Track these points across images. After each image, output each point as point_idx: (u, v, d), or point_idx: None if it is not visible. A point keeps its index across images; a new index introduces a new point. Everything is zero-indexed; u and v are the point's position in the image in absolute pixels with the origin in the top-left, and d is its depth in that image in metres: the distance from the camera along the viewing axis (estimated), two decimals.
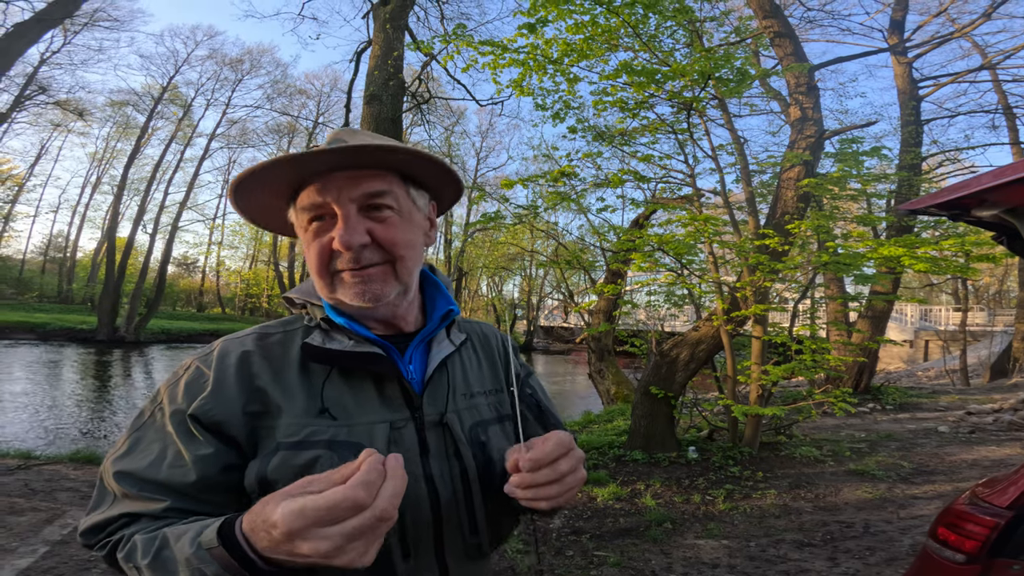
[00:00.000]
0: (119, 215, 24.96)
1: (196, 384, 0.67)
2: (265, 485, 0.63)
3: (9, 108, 17.24)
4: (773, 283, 5.07)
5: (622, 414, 7.37)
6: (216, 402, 0.65)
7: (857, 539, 3.40)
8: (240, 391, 0.67)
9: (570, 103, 5.72)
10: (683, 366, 5.32)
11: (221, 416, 0.65)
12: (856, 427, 6.75)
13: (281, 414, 0.66)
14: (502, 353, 0.90)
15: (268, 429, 0.66)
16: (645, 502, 4.03)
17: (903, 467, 4.91)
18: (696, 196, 5.79)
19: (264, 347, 0.71)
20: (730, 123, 5.84)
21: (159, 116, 26.44)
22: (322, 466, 0.64)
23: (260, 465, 0.64)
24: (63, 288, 30.62)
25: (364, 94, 5.94)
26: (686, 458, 5.02)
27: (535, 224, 8.12)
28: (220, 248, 38.34)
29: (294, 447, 0.65)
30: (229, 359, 0.69)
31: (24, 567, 2.57)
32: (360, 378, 0.71)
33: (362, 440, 0.67)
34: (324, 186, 0.68)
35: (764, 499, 4.12)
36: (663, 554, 3.20)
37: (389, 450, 0.68)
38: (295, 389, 0.68)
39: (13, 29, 7.12)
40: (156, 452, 0.65)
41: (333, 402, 0.69)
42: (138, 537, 0.60)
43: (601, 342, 8.79)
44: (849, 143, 5.49)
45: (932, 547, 1.57)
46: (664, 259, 5.98)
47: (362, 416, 0.69)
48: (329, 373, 0.70)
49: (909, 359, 16.34)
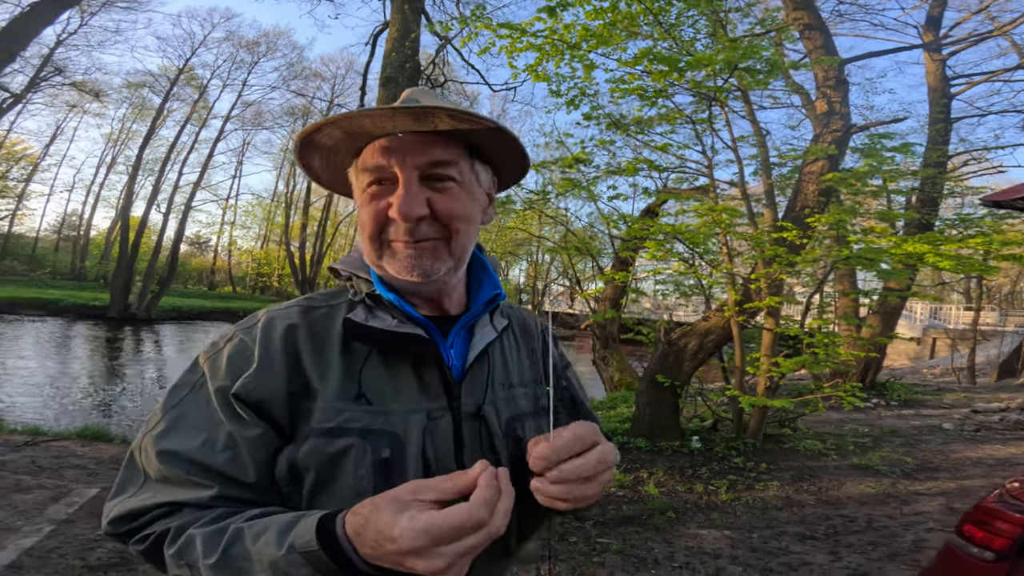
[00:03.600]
0: (133, 195, 25.13)
1: (240, 358, 0.63)
2: (296, 473, 0.61)
3: (25, 89, 17.16)
4: (789, 276, 5.01)
5: (625, 401, 7.37)
6: (260, 380, 0.61)
7: (860, 534, 3.40)
8: (285, 368, 0.62)
9: (585, 90, 5.62)
10: (691, 356, 5.30)
11: (265, 395, 0.60)
12: (859, 422, 6.73)
13: (317, 396, 0.62)
14: (541, 343, 0.83)
15: (305, 413, 0.62)
16: (648, 490, 4.05)
17: (907, 463, 4.90)
18: (712, 187, 5.71)
19: (309, 321, 0.66)
20: (752, 114, 5.71)
21: (175, 98, 26.42)
22: (354, 456, 0.60)
23: (292, 451, 0.61)
24: (76, 265, 30.90)
25: (380, 76, 5.90)
26: (689, 447, 5.03)
27: (544, 210, 8.05)
28: (232, 228, 38.60)
29: (326, 434, 0.61)
30: (274, 333, 0.64)
31: (28, 546, 2.54)
32: (400, 361, 0.66)
33: (396, 430, 0.63)
34: (389, 147, 0.64)
35: (767, 491, 4.12)
36: (665, 543, 3.21)
37: (424, 442, 0.64)
38: (333, 369, 0.64)
39: (30, 8, 7.02)
40: (205, 432, 0.60)
41: (371, 386, 0.64)
42: (196, 531, 0.54)
43: (606, 329, 8.78)
44: (878, 139, 5.38)
45: (957, 544, 1.55)
46: (677, 248, 5.93)
47: (399, 403, 0.65)
48: (369, 353, 0.65)
49: (915, 356, 16.26)
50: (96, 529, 2.75)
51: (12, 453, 3.93)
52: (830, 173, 4.94)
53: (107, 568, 2.40)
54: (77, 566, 2.37)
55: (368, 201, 0.66)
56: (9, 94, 15.50)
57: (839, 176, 4.89)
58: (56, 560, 2.43)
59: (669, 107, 5.71)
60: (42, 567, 2.36)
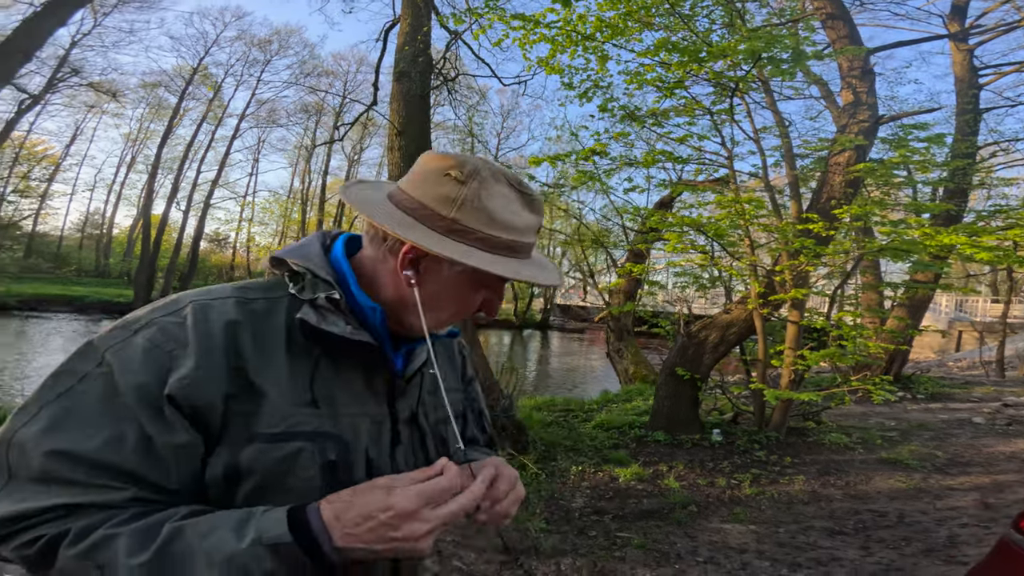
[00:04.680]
0: (153, 193, 25.56)
1: (160, 351, 0.56)
2: (234, 478, 0.57)
3: (42, 90, 17.42)
4: (815, 268, 4.87)
5: (641, 394, 7.29)
6: (200, 381, 0.56)
7: (891, 529, 3.28)
8: (227, 370, 0.57)
9: (599, 82, 5.56)
10: (711, 348, 5.18)
11: (205, 399, 0.56)
12: (885, 415, 6.54)
13: (263, 400, 0.58)
14: (460, 358, 0.90)
15: (243, 415, 0.58)
16: (668, 484, 3.95)
17: (937, 457, 4.74)
18: (733, 178, 5.58)
19: (249, 316, 0.62)
20: (774, 105, 5.55)
21: (190, 97, 26.75)
22: (304, 459, 0.59)
23: (229, 455, 0.57)
24: (100, 263, 31.52)
25: (393, 71, 5.88)
26: (710, 441, 4.92)
27: (556, 203, 7.97)
28: (251, 225, 39.02)
29: (274, 439, 0.58)
30: (212, 327, 0.59)
31: None
32: (350, 367, 0.66)
33: (344, 434, 0.63)
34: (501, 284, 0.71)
35: (792, 485, 4.01)
36: (688, 537, 3.12)
37: (370, 445, 0.66)
38: (281, 372, 0.61)
39: (42, 8, 7.08)
40: (107, 430, 0.53)
41: (322, 391, 0.63)
42: (113, 531, 0.50)
43: (620, 322, 8.69)
44: (909, 129, 5.20)
45: (1015, 539, 1.44)
46: (696, 239, 5.81)
47: (347, 407, 0.65)
48: (319, 358, 0.63)
49: (940, 349, 15.85)
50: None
51: None
52: (859, 164, 4.78)
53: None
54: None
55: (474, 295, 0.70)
56: (27, 95, 15.79)
57: (869, 167, 4.73)
58: None
59: (687, 98, 5.60)
60: None
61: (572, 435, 5.16)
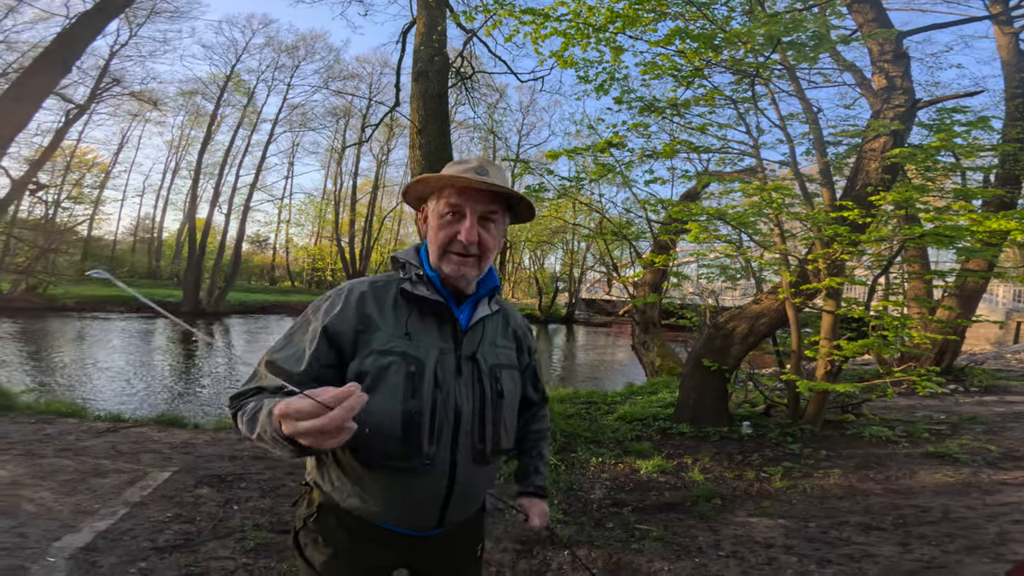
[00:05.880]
0: (197, 198, 26.52)
1: (331, 307, 1.01)
2: (360, 376, 0.95)
3: (87, 100, 18.34)
4: (852, 256, 4.61)
5: (667, 386, 7.10)
6: (339, 319, 0.99)
7: (934, 524, 3.04)
8: (354, 315, 0.99)
9: (614, 74, 5.47)
10: (740, 339, 4.97)
11: (339, 328, 0.98)
12: (934, 409, 6.14)
13: (378, 331, 0.99)
14: (518, 329, 1.22)
15: (367, 340, 0.98)
16: (692, 476, 3.80)
17: (990, 451, 4.38)
18: (760, 167, 5.33)
19: (374, 289, 1.05)
20: (800, 92, 5.27)
21: (226, 104, 27.63)
22: (395, 367, 0.96)
23: (359, 363, 0.96)
24: (152, 265, 33.14)
25: (412, 72, 5.92)
26: (739, 433, 4.72)
27: (578, 198, 7.85)
28: (288, 226, 40.31)
29: (381, 353, 0.97)
30: (352, 295, 1.02)
31: (103, 529, 2.60)
32: (430, 316, 1.03)
33: (421, 356, 0.99)
34: (463, 195, 1.02)
35: (827, 479, 3.79)
36: (711, 531, 2.99)
37: (436, 367, 1.00)
38: (389, 317, 1.01)
39: (77, 20, 7.40)
40: (294, 348, 0.98)
41: (412, 329, 1.01)
42: (249, 402, 0.88)
43: (646, 314, 8.51)
44: (949, 113, 4.87)
45: None
46: (722, 230, 5.60)
47: (425, 341, 1.01)
48: (412, 310, 1.02)
49: (998, 341, 14.84)
50: (167, 511, 2.86)
51: (94, 439, 4.09)
52: (895, 149, 4.50)
53: (172, 549, 2.46)
54: (146, 548, 2.44)
55: (443, 224, 1.04)
56: (74, 104, 16.65)
57: (907, 151, 4.44)
58: (127, 542, 2.49)
59: (706, 87, 5.40)
60: (113, 549, 2.42)
61: (593, 427, 5.05)
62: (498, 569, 2.47)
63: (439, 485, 1.00)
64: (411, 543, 1.06)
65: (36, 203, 20.21)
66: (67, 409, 4.92)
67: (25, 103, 6.70)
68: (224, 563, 2.38)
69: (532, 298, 32.66)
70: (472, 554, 1.21)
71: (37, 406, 5.13)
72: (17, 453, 3.61)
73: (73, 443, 3.95)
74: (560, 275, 33.57)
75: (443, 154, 5.43)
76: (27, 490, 3.01)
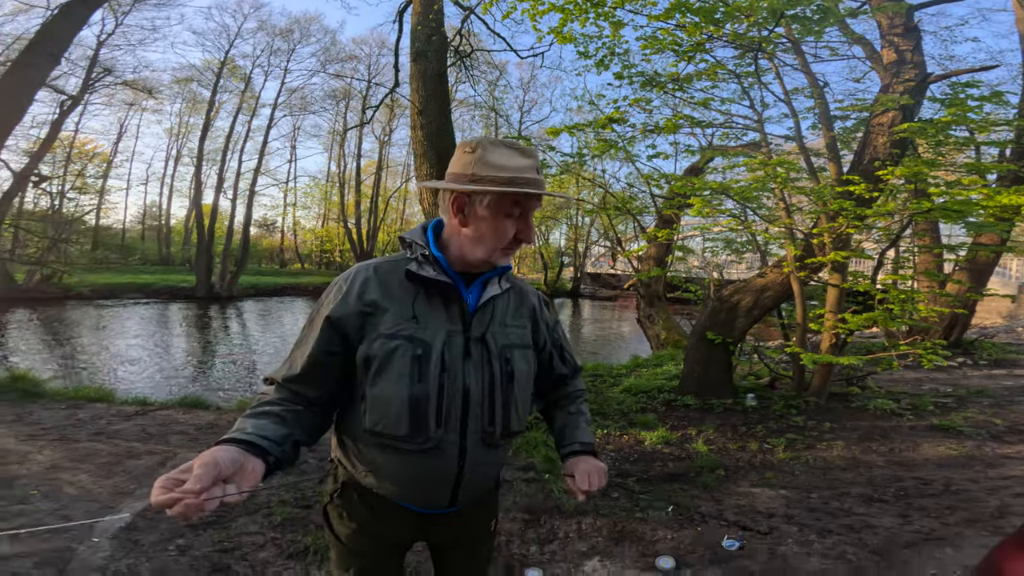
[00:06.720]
0: (202, 184, 26.46)
1: (336, 295, 1.02)
2: (367, 361, 0.98)
3: (80, 90, 18.16)
4: (857, 230, 4.60)
5: (672, 359, 7.18)
6: (343, 306, 1.00)
7: (935, 497, 3.12)
8: (358, 301, 1.00)
9: (615, 49, 5.42)
10: (745, 312, 5.01)
11: (342, 314, 0.99)
12: (941, 382, 6.17)
13: (384, 314, 0.99)
14: (534, 304, 1.20)
15: (374, 324, 0.98)
16: (696, 448, 3.90)
17: (996, 424, 4.44)
18: (764, 141, 5.28)
19: (379, 273, 1.04)
20: (806, 66, 5.18)
21: (223, 90, 27.27)
22: (401, 351, 0.97)
23: (366, 347, 0.97)
24: (163, 252, 33.42)
25: (410, 52, 5.84)
26: (743, 405, 4.80)
27: (581, 174, 7.82)
28: (295, 209, 40.33)
29: (388, 336, 0.97)
30: (356, 280, 1.02)
31: (140, 509, 2.73)
32: (437, 298, 1.02)
33: (427, 338, 0.99)
34: (525, 200, 1.01)
35: (830, 450, 3.88)
36: (714, 500, 3.09)
37: (444, 350, 0.99)
38: (395, 299, 1.00)
39: (59, 11, 7.31)
40: (303, 338, 1.03)
41: (419, 311, 1.00)
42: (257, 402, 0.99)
43: (651, 288, 8.56)
44: (962, 87, 4.77)
45: None
46: (726, 204, 5.58)
47: (433, 323, 1.00)
48: (418, 291, 1.01)
49: (1010, 315, 14.68)
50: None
51: (124, 422, 4.24)
52: (904, 123, 4.45)
53: (206, 526, 2.59)
54: (182, 526, 2.57)
55: (501, 221, 1.00)
56: (66, 96, 16.60)
57: (917, 126, 4.38)
58: (165, 520, 2.61)
59: (709, 62, 5.32)
60: (153, 527, 2.56)
61: (599, 399, 5.15)
62: (507, 538, 2.58)
63: (449, 467, 1.02)
64: (427, 520, 1.11)
65: (41, 195, 20.23)
66: (95, 394, 5.10)
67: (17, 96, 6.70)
68: (254, 538, 2.52)
69: (538, 273, 32.66)
70: (486, 529, 1.25)
71: (66, 392, 5.31)
72: (53, 438, 3.76)
73: (105, 427, 4.11)
74: (565, 250, 33.52)
75: (445, 134, 5.43)
76: (66, 473, 3.16)
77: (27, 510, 2.65)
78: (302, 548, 2.42)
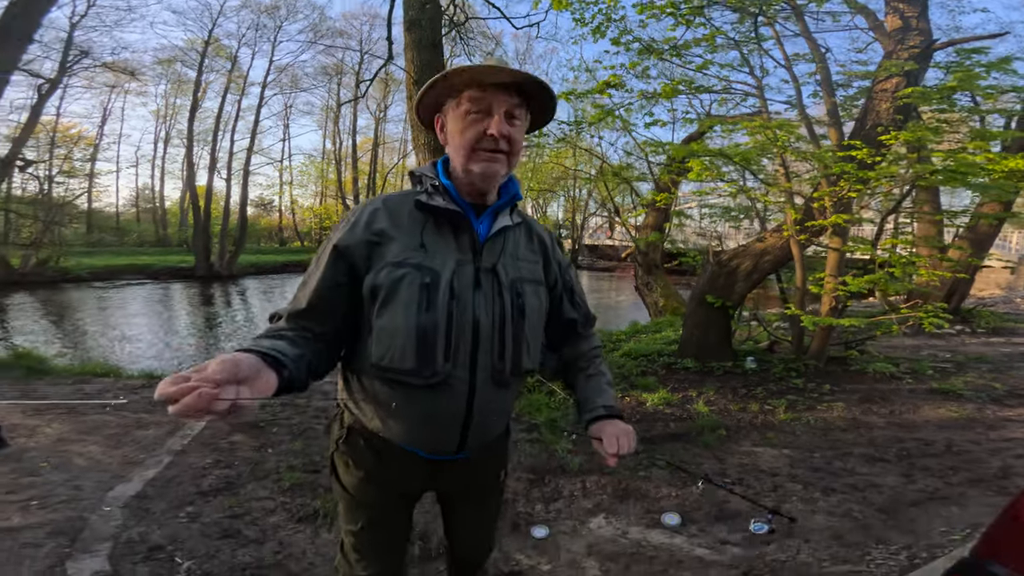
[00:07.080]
0: (194, 165, 26.10)
1: (344, 225, 1.00)
2: (374, 291, 0.95)
3: (57, 74, 17.57)
4: (859, 194, 4.55)
5: (671, 325, 7.22)
6: (350, 235, 0.98)
7: (937, 457, 3.15)
8: (365, 229, 0.98)
9: (611, 15, 5.32)
10: (744, 276, 5.01)
11: (350, 243, 0.97)
12: (940, 348, 6.21)
13: (392, 243, 0.97)
14: (544, 240, 1.16)
15: (381, 253, 0.96)
16: (697, 408, 3.94)
17: (995, 388, 4.47)
18: (764, 107, 5.20)
19: (388, 204, 1.03)
20: (807, 32, 5.06)
21: (209, 70, 26.53)
22: (409, 279, 0.94)
23: (373, 276, 0.95)
24: (159, 233, 33.15)
25: (403, 21, 5.68)
26: (742, 368, 4.83)
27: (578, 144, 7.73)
28: (291, 187, 39.97)
29: (396, 265, 0.95)
30: (367, 210, 1.01)
31: (151, 477, 2.77)
32: (446, 226, 1.00)
33: (436, 267, 0.96)
34: (487, 92, 0.96)
35: (830, 411, 3.91)
36: (716, 459, 3.13)
37: (453, 279, 0.97)
38: (404, 229, 0.99)
39: None
40: (310, 274, 1.00)
41: (427, 240, 0.98)
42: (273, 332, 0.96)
43: (649, 256, 8.58)
44: (968, 54, 4.66)
45: None
46: (725, 169, 5.52)
47: (441, 252, 0.98)
48: (427, 221, 0.99)
49: (1008, 286, 14.73)
50: (207, 457, 3.03)
51: (131, 395, 4.28)
52: (908, 88, 4.37)
53: (216, 492, 2.63)
54: (191, 492, 2.61)
55: (469, 123, 0.97)
56: (43, 79, 16.16)
57: (920, 91, 4.31)
58: (174, 488, 2.66)
59: (705, 24, 5.21)
60: (163, 495, 2.59)
61: None
62: (512, 497, 2.62)
63: (457, 406, 0.99)
64: (435, 467, 1.08)
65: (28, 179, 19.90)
66: (101, 370, 5.12)
67: None
68: (264, 503, 2.55)
69: None
70: (496, 479, 1.24)
71: (72, 368, 5.34)
72: (61, 412, 3.79)
73: (112, 400, 4.13)
74: (563, 222, 33.44)
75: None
76: (76, 445, 3.18)
77: (37, 482, 2.67)
78: (311, 512, 2.45)
